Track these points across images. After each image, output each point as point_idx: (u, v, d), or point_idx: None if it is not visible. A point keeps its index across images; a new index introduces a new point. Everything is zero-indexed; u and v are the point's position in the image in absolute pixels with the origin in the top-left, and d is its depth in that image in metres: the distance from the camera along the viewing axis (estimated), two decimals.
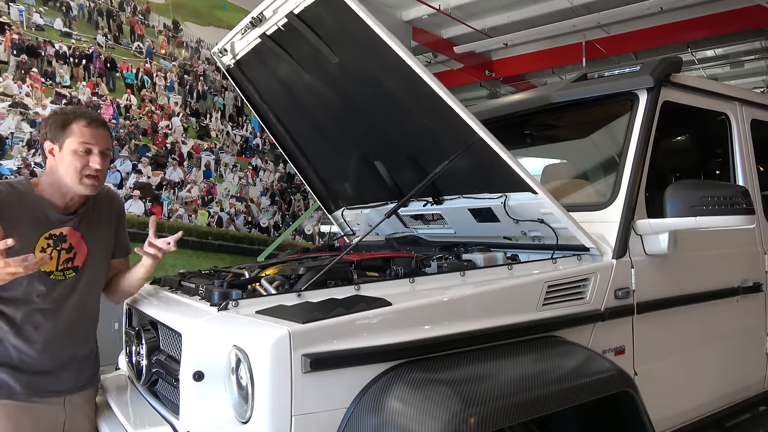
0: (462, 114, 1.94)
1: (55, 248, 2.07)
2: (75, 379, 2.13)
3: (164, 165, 5.80)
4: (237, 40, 2.63)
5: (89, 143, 2.05)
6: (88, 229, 2.17)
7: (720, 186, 2.20)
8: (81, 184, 2.05)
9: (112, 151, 2.21)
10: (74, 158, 2.03)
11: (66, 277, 2.10)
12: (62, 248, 2.08)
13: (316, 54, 2.31)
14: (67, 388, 2.10)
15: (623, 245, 2.21)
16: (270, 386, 1.44)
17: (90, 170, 2.05)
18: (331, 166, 3.13)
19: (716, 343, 2.63)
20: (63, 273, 2.09)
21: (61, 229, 2.08)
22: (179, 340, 1.77)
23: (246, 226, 6.55)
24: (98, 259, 2.21)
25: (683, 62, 2.54)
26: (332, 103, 2.60)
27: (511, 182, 2.13)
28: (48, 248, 2.05)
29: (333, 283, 1.90)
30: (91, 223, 2.19)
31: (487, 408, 1.51)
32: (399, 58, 1.92)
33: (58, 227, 2.08)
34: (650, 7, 7.84)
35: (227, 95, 6.50)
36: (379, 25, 1.91)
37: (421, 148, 2.45)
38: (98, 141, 2.07)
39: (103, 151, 2.09)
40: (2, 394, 1.95)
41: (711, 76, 11.14)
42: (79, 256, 2.14)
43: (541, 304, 1.97)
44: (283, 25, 2.32)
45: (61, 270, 2.09)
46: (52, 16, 5.09)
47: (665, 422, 2.33)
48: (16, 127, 4.76)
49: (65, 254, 2.09)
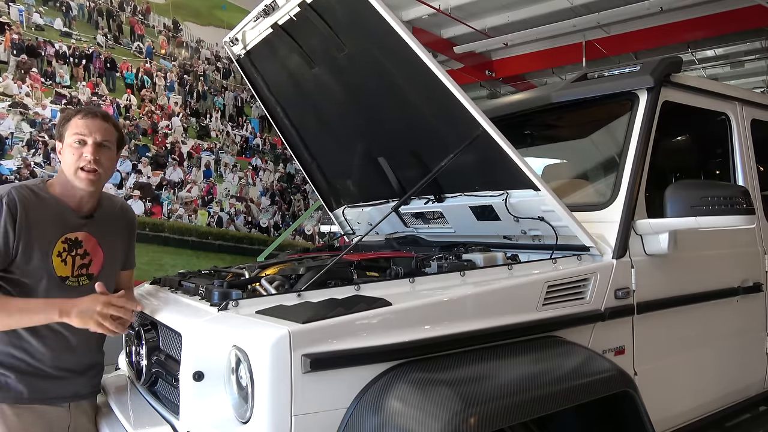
0: (467, 105, 1.95)
1: (70, 253, 2.03)
2: (83, 386, 2.11)
3: (164, 165, 5.80)
4: (248, 30, 2.65)
5: (82, 134, 1.99)
6: (103, 236, 2.13)
7: (720, 186, 2.21)
8: (76, 177, 1.99)
9: (115, 144, 2.11)
10: (69, 151, 1.99)
11: (80, 284, 2.05)
12: (77, 254, 2.05)
13: (326, 45, 2.33)
14: (75, 394, 2.08)
15: (623, 245, 2.21)
16: (270, 386, 1.44)
17: (83, 162, 1.98)
18: (334, 162, 3.14)
19: (716, 343, 2.63)
20: (77, 279, 2.05)
21: (76, 233, 2.04)
22: (179, 340, 1.77)
23: (246, 226, 6.55)
24: (111, 267, 2.18)
25: (683, 62, 2.54)
26: (339, 97, 2.62)
27: (513, 179, 2.13)
28: (64, 252, 2.01)
29: (333, 283, 1.89)
30: (106, 230, 2.15)
31: (487, 408, 1.50)
32: (408, 47, 1.94)
33: (73, 231, 2.04)
34: (650, 7, 7.84)
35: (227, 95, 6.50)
36: (391, 14, 1.93)
37: (425, 144, 2.46)
38: (92, 131, 2.00)
39: (99, 142, 2.01)
40: (10, 397, 1.93)
41: (711, 76, 11.14)
42: (95, 263, 2.10)
43: (541, 304, 1.97)
44: (295, 15, 2.34)
45: (75, 276, 2.04)
46: (52, 16, 5.09)
47: (665, 422, 2.33)
48: (16, 127, 4.76)
49: (80, 260, 2.05)
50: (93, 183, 2.02)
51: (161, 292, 2.30)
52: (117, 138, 2.12)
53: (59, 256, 1.99)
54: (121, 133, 2.17)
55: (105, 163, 2.05)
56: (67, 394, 2.06)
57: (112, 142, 2.09)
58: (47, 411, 2.00)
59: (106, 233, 2.15)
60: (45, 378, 1.99)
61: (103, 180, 2.08)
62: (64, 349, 2.01)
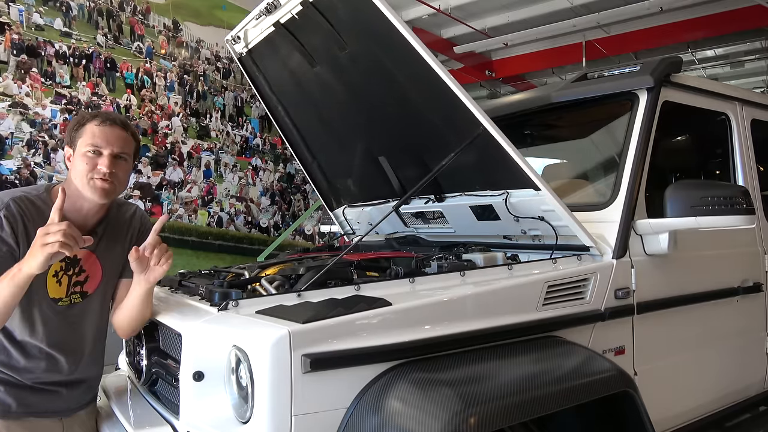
0: (468, 104, 1.95)
1: (66, 272, 1.89)
2: (74, 400, 2.00)
3: (164, 165, 5.80)
4: (250, 28, 2.66)
5: (98, 144, 1.82)
6: (105, 250, 1.96)
7: (720, 186, 2.21)
8: (89, 189, 1.82)
9: (132, 156, 1.95)
10: (82, 161, 1.82)
11: (72, 302, 1.92)
12: (73, 272, 1.91)
13: (328, 44, 2.34)
14: (67, 408, 1.98)
15: (623, 245, 2.21)
16: (270, 386, 1.44)
17: (98, 173, 1.81)
18: (335, 162, 3.14)
19: (716, 343, 2.63)
20: (70, 298, 1.92)
21: None
22: (179, 340, 1.77)
23: (246, 226, 6.55)
24: (110, 283, 2.02)
25: (683, 62, 2.54)
26: (340, 97, 2.62)
27: (514, 178, 2.13)
28: (60, 272, 1.86)
29: (333, 283, 1.89)
30: (109, 244, 1.98)
31: (487, 408, 1.50)
32: (410, 46, 1.93)
33: None
34: (650, 7, 7.85)
35: (227, 95, 6.50)
36: (393, 12, 1.93)
37: (426, 143, 2.46)
38: (110, 142, 1.84)
39: (117, 154, 1.85)
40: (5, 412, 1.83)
41: (711, 76, 11.15)
42: (92, 281, 1.96)
43: (541, 304, 1.97)
44: (297, 13, 2.35)
45: (68, 296, 1.91)
46: (52, 16, 5.09)
47: (665, 422, 2.33)
48: (16, 127, 4.76)
49: (75, 278, 1.92)
50: (106, 195, 1.85)
51: (161, 292, 2.30)
52: (135, 149, 1.96)
53: (55, 276, 1.85)
54: (139, 143, 2.01)
55: (121, 176, 1.89)
56: (58, 409, 1.94)
57: (129, 154, 1.92)
58: (37, 424, 1.89)
59: (109, 247, 1.98)
60: (34, 392, 1.87)
61: (117, 194, 1.93)
62: (54, 367, 1.89)
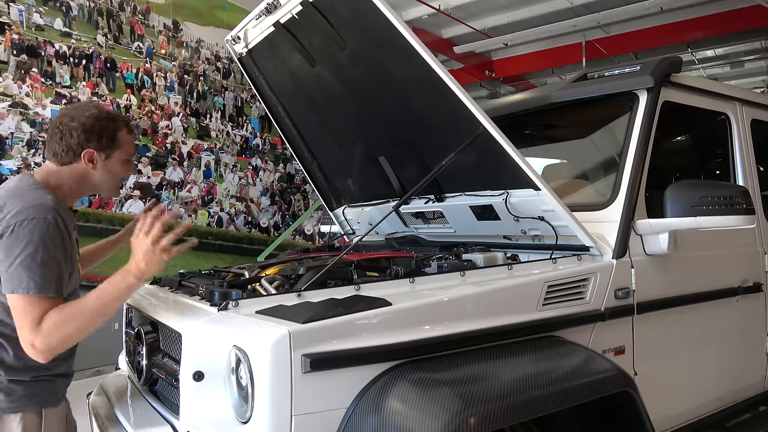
0: (468, 103, 1.96)
1: None
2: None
3: (164, 165, 5.80)
4: (250, 28, 2.66)
5: (132, 153, 2.06)
6: None
7: (720, 186, 2.21)
8: (115, 190, 2.07)
9: None
10: (122, 167, 2.02)
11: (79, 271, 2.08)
12: None
13: (328, 44, 2.34)
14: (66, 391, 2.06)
15: (623, 245, 2.21)
16: (270, 386, 1.44)
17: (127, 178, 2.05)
18: (335, 162, 3.14)
19: (716, 343, 2.63)
20: None
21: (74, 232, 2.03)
22: (179, 340, 1.77)
23: (246, 226, 6.56)
24: None
25: (683, 62, 2.54)
26: (340, 97, 2.62)
27: (514, 178, 2.13)
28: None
29: (333, 283, 1.90)
30: None
31: (487, 408, 1.51)
32: (410, 46, 1.94)
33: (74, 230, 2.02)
34: (650, 7, 7.85)
35: (227, 95, 6.50)
36: (393, 12, 1.93)
37: (426, 143, 2.46)
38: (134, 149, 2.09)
39: None
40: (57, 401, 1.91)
41: (711, 76, 11.16)
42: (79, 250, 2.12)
43: (541, 304, 1.97)
44: (297, 13, 2.35)
45: None
46: (52, 16, 5.09)
47: (665, 422, 2.33)
48: (16, 127, 4.77)
49: None
50: None
51: (161, 292, 2.30)
52: None
53: None
54: None
55: None
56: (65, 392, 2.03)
57: None
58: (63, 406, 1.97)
59: None
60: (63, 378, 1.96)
61: None
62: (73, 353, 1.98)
